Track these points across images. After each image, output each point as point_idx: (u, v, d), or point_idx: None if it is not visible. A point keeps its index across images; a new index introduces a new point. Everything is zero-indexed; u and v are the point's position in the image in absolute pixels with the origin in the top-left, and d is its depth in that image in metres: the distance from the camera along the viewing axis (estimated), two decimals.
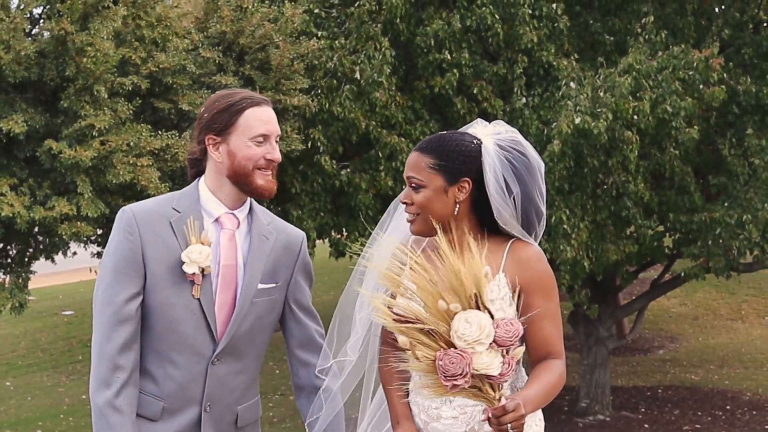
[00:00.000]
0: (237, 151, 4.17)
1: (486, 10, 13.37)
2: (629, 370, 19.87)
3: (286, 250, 4.34)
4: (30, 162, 11.92)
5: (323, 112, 13.37)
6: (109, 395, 4.11)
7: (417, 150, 4.07)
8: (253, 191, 4.22)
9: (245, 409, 4.35)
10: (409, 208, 4.04)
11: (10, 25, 11.26)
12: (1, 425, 18.30)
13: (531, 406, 3.77)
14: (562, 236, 13.03)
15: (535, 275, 3.98)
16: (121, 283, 4.14)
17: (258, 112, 4.20)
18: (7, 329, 26.43)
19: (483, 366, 3.59)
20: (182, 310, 4.14)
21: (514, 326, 3.62)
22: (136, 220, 4.16)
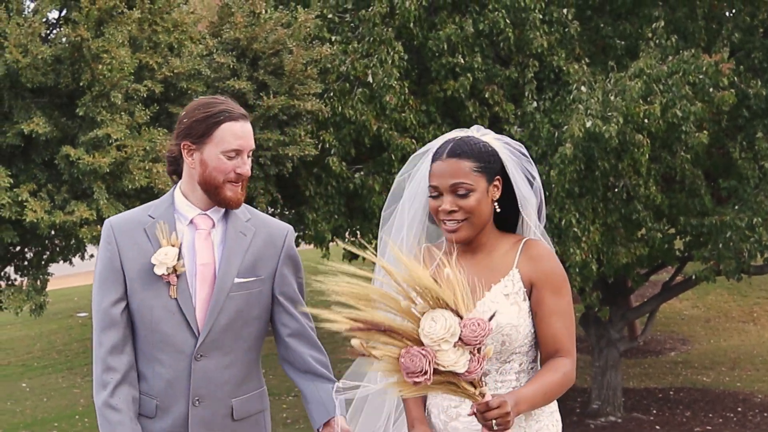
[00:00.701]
0: (209, 162, 4.33)
1: (498, 15, 13.50)
2: (641, 372, 19.95)
3: (268, 244, 4.48)
4: (48, 167, 12.07)
5: (336, 115, 13.51)
6: (105, 396, 4.31)
7: (452, 157, 4.15)
8: (220, 201, 4.38)
9: (241, 402, 4.48)
10: (455, 215, 4.10)
11: (28, 29, 11.41)
12: (17, 426, 18.47)
13: (525, 404, 3.88)
14: (572, 239, 13.13)
15: (545, 272, 4.11)
16: (105, 290, 4.36)
17: (234, 127, 4.34)
18: (23, 331, 26.61)
19: (449, 363, 3.67)
20: (161, 310, 4.32)
21: (481, 326, 3.69)
22: (113, 230, 4.39)
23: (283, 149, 12.70)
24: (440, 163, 4.15)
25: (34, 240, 12.73)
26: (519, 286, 4.09)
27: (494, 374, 4.11)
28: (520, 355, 4.14)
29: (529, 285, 4.10)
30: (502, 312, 4.04)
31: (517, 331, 4.07)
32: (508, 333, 4.06)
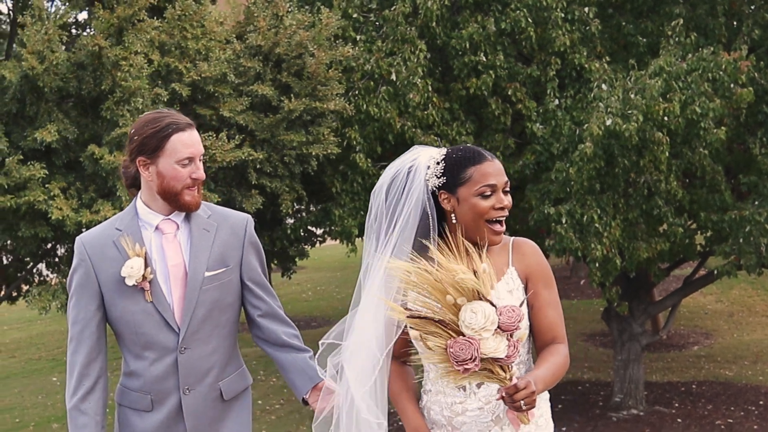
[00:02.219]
0: (165, 173, 4.63)
1: (520, 14, 13.70)
2: (664, 365, 20.08)
3: (231, 235, 4.79)
4: (74, 166, 12.39)
5: (360, 112, 13.74)
6: (75, 401, 4.72)
7: (492, 158, 4.42)
8: (181, 207, 4.69)
9: (228, 383, 4.82)
10: (504, 212, 4.38)
11: (44, 36, 11.72)
12: (48, 419, 18.76)
13: (541, 384, 4.16)
14: (593, 235, 13.31)
15: (538, 267, 4.42)
16: (81, 303, 4.72)
17: (183, 137, 4.64)
18: (53, 326, 26.95)
19: (491, 350, 3.98)
20: (141, 314, 4.65)
21: (515, 312, 4.01)
22: (85, 247, 4.71)
23: (307, 148, 12.95)
24: (490, 163, 4.38)
25: (65, 237, 13.03)
26: (518, 282, 4.39)
27: None
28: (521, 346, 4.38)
29: (525, 280, 4.40)
30: None
31: (524, 323, 4.32)
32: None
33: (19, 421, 18.87)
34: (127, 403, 4.84)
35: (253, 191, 12.90)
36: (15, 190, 11.91)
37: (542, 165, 14.11)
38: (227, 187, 12.91)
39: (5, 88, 12.03)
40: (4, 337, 25.51)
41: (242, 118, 12.68)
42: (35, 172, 11.77)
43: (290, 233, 14.30)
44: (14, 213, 12.10)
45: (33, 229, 12.14)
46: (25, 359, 24.13)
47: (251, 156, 12.57)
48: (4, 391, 20.82)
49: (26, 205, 11.79)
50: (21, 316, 27.19)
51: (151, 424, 4.77)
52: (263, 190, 13.12)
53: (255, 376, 19.42)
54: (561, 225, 13.32)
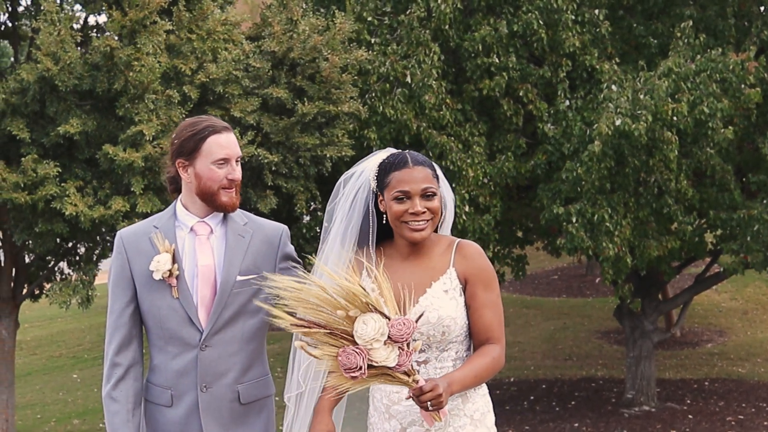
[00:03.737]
0: (202, 174, 4.84)
1: (531, 16, 13.92)
2: (677, 363, 20.24)
3: (265, 244, 4.97)
4: (91, 164, 12.69)
5: (376, 114, 13.97)
6: (108, 388, 4.91)
7: (417, 165, 4.67)
8: (218, 207, 4.89)
9: (247, 388, 4.97)
10: (424, 215, 4.61)
11: (57, 37, 12.02)
12: (69, 415, 19.04)
13: (457, 385, 4.42)
14: (604, 234, 13.50)
15: (478, 269, 4.66)
16: (116, 294, 4.93)
17: (219, 139, 4.85)
18: (73, 324, 27.25)
19: (381, 359, 4.22)
20: (167, 309, 4.86)
21: (407, 325, 4.24)
22: (122, 241, 4.94)
23: (321, 150, 13.19)
24: (408, 170, 4.64)
25: (84, 235, 13.33)
26: (456, 283, 4.63)
27: (434, 361, 4.62)
28: (457, 344, 4.66)
29: (464, 281, 4.65)
30: (443, 306, 4.58)
31: (455, 323, 4.60)
32: (448, 324, 4.59)
33: (41, 417, 19.16)
34: (150, 397, 5.00)
35: (268, 192, 13.14)
36: (31, 188, 12.22)
37: (553, 165, 14.32)
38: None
39: (25, 90, 12.33)
40: (25, 335, 25.82)
41: (252, 117, 12.93)
42: (49, 170, 12.08)
43: (306, 232, 14.53)
44: (32, 210, 12.40)
45: (50, 225, 12.43)
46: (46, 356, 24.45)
47: (266, 158, 12.81)
48: (25, 387, 21.11)
49: (42, 201, 12.09)
50: (42, 314, 27.50)
51: (171, 420, 4.93)
52: (279, 190, 13.36)
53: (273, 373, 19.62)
54: (572, 224, 13.53)
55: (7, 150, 12.83)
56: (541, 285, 27.91)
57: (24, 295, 15.09)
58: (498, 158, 14.45)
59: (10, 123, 12.33)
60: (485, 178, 14.18)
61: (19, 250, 14.65)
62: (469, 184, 13.97)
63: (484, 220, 14.12)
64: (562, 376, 19.70)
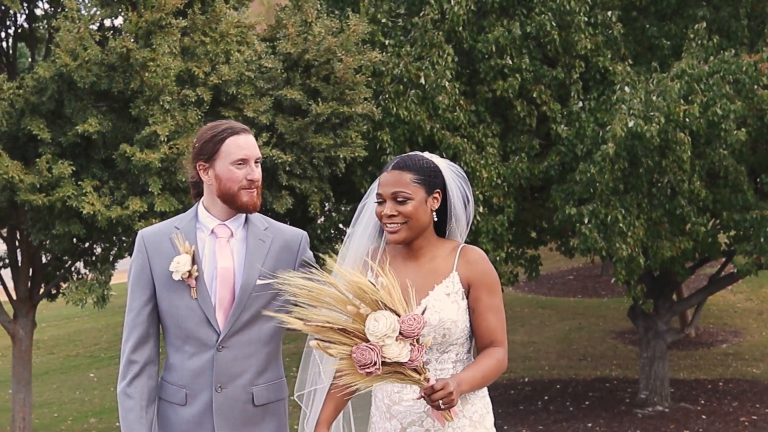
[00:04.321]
0: (222, 175, 4.90)
1: (544, 18, 13.99)
2: (692, 363, 20.25)
3: (285, 250, 5.04)
4: (108, 164, 12.82)
5: (390, 115, 14.05)
6: (123, 385, 4.97)
7: (395, 169, 4.74)
8: (239, 208, 4.95)
9: (261, 390, 5.02)
10: (396, 219, 4.69)
11: (77, 35, 12.15)
12: (86, 414, 19.16)
13: (466, 385, 4.51)
14: (617, 234, 13.55)
15: (482, 274, 4.73)
16: (135, 292, 5.00)
17: (238, 140, 4.92)
18: (90, 323, 27.41)
19: (394, 355, 4.30)
20: (185, 309, 4.92)
21: (417, 320, 4.32)
22: (144, 240, 5.01)
23: (335, 151, 13.29)
24: (386, 174, 4.75)
25: (100, 235, 13.45)
26: (458, 286, 4.71)
27: (434, 363, 4.69)
28: (457, 346, 4.74)
29: (467, 285, 4.72)
30: (444, 309, 4.66)
31: (456, 326, 4.68)
32: (449, 327, 4.67)
33: (58, 416, 19.29)
34: (164, 396, 5.05)
35: (283, 192, 13.24)
36: (48, 189, 12.34)
37: (567, 166, 14.38)
38: None
39: (43, 89, 12.46)
40: (42, 334, 25.97)
41: (266, 117, 13.03)
42: (64, 170, 12.20)
43: (321, 233, 14.62)
44: (49, 211, 12.53)
45: (67, 226, 12.55)
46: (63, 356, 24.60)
47: (281, 159, 12.91)
48: (42, 386, 21.25)
49: (59, 202, 12.21)
50: (59, 313, 27.66)
51: (184, 418, 4.99)
52: (293, 191, 13.46)
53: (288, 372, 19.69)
54: (585, 225, 13.58)
55: (25, 150, 12.97)
56: (556, 285, 27.94)
57: (41, 295, 15.22)
58: (511, 159, 14.52)
59: (30, 122, 12.46)
60: (499, 179, 14.25)
61: (36, 250, 14.78)
62: (483, 184, 14.04)
63: (498, 221, 14.18)
64: (576, 376, 19.74)
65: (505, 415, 17.14)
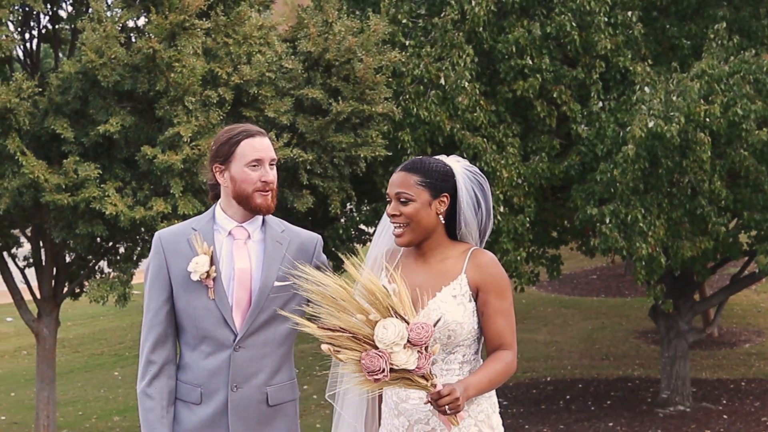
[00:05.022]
0: (237, 176, 4.95)
1: (564, 18, 14.03)
2: (714, 363, 20.23)
3: (301, 252, 5.09)
4: (130, 164, 12.93)
5: (410, 116, 14.11)
6: (143, 385, 5.02)
7: (402, 170, 4.81)
8: (253, 209, 4.99)
9: (275, 390, 5.08)
10: (398, 219, 4.76)
11: (103, 33, 12.27)
12: (110, 412, 19.29)
13: (473, 390, 4.57)
14: (638, 234, 13.57)
15: (490, 278, 4.77)
16: (153, 293, 5.03)
17: (253, 142, 4.97)
18: (115, 322, 27.56)
19: (402, 362, 4.37)
20: (202, 310, 4.97)
21: (425, 329, 4.39)
22: (161, 241, 5.04)
23: (355, 150, 13.37)
24: (394, 174, 4.83)
25: (123, 235, 13.57)
26: (466, 289, 4.76)
27: (440, 363, 4.77)
28: (464, 348, 4.80)
29: (475, 289, 4.77)
30: (450, 311, 4.71)
31: (462, 328, 4.73)
32: (454, 329, 4.72)
33: (82, 414, 19.43)
34: (178, 395, 5.08)
35: (304, 191, 13.32)
36: (72, 189, 12.46)
37: (587, 166, 14.40)
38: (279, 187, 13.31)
39: (67, 88, 12.59)
40: (68, 333, 26.14)
41: (286, 118, 13.12)
42: (90, 172, 12.32)
43: (342, 232, 14.70)
44: (72, 211, 12.65)
45: (90, 227, 12.67)
46: (88, 354, 24.75)
47: (301, 157, 13.00)
48: (67, 384, 21.41)
49: (83, 202, 12.33)
50: (84, 312, 27.81)
51: (199, 418, 5.04)
52: (315, 190, 13.54)
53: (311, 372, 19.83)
54: (605, 225, 13.62)
55: (49, 149, 13.10)
56: (579, 285, 27.94)
57: (64, 294, 15.34)
58: (532, 159, 14.56)
59: (53, 122, 12.59)
60: (519, 179, 14.29)
61: (60, 250, 14.91)
62: (504, 184, 14.09)
63: (518, 221, 14.23)
64: (598, 375, 19.75)
65: (526, 414, 17.18)
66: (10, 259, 15.71)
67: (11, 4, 12.99)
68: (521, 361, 20.94)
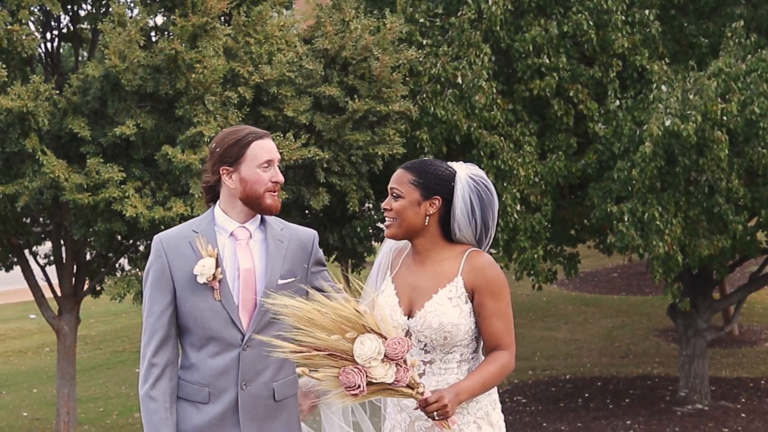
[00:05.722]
0: (248, 178, 4.99)
1: (581, 17, 14.06)
2: (734, 361, 20.20)
3: (300, 249, 5.17)
4: (148, 164, 13.03)
5: (428, 115, 14.17)
6: (146, 388, 5.03)
7: (402, 168, 4.93)
8: (263, 210, 5.05)
9: (281, 386, 5.16)
10: (388, 213, 4.86)
11: (126, 37, 12.37)
12: (131, 408, 19.42)
13: (465, 394, 4.67)
14: (654, 232, 13.59)
15: (486, 280, 4.83)
16: (156, 296, 5.06)
17: (262, 143, 5.01)
18: (137, 319, 27.67)
19: (380, 376, 4.48)
20: (208, 311, 5.02)
21: (401, 344, 4.48)
22: (162, 245, 5.07)
23: (372, 148, 13.44)
24: (397, 170, 4.94)
25: (139, 233, 13.68)
26: (462, 291, 4.82)
27: (438, 362, 4.85)
28: (461, 347, 4.86)
29: (471, 290, 4.83)
30: (446, 313, 4.78)
31: (458, 329, 4.80)
32: (449, 330, 4.79)
33: (103, 410, 19.57)
34: (183, 395, 5.12)
35: (320, 189, 13.39)
36: (93, 189, 12.55)
37: (604, 164, 14.44)
38: (296, 185, 13.43)
39: (88, 88, 12.69)
40: (90, 330, 26.31)
41: (305, 117, 13.20)
42: (113, 174, 12.42)
43: (360, 230, 14.75)
44: (92, 210, 12.75)
45: (108, 225, 12.78)
46: (110, 351, 24.91)
47: (318, 155, 13.08)
48: (89, 381, 21.56)
49: (103, 202, 12.43)
50: (106, 309, 27.98)
51: (208, 416, 5.09)
52: (332, 188, 13.61)
53: None
54: (622, 223, 13.64)
55: (68, 149, 13.20)
56: (601, 282, 27.94)
57: (84, 291, 15.46)
58: (549, 157, 14.60)
59: (72, 121, 12.69)
60: (536, 177, 14.34)
61: (80, 247, 15.03)
62: (520, 183, 14.14)
63: (535, 219, 14.28)
64: (618, 373, 19.76)
65: (544, 412, 17.22)
66: (31, 257, 15.86)
67: (30, 5, 13.09)
68: (540, 359, 21.00)
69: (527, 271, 14.81)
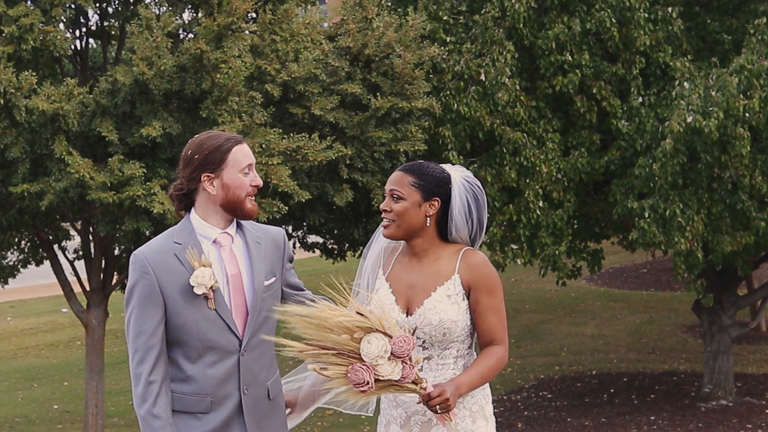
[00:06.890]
0: (230, 183, 5.04)
1: (604, 14, 14.12)
2: (761, 357, 20.18)
3: (275, 248, 5.24)
4: (174, 164, 13.18)
5: (451, 111, 14.28)
6: (147, 406, 4.97)
7: (401, 170, 5.06)
8: (243, 215, 5.12)
9: (272, 384, 5.24)
10: (388, 215, 4.99)
11: (153, 43, 12.53)
12: None
13: (464, 388, 4.85)
14: (676, 229, 13.64)
15: (481, 277, 5.00)
16: (146, 314, 5.01)
17: (242, 148, 5.09)
18: None
19: (387, 373, 4.64)
20: (204, 321, 5.03)
21: (407, 341, 4.63)
22: (147, 260, 5.02)
23: (395, 145, 13.56)
24: (394, 173, 5.08)
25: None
26: (459, 288, 4.98)
27: (436, 358, 5.00)
28: (458, 343, 5.02)
29: (467, 288, 4.99)
30: (445, 310, 4.94)
31: (456, 325, 4.96)
32: (449, 327, 4.95)
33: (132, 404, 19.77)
34: (181, 407, 5.10)
35: (344, 186, 13.53)
36: (117, 187, 12.72)
37: (627, 161, 14.50)
38: (320, 182, 13.58)
39: (116, 91, 12.84)
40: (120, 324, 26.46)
41: (332, 115, 13.35)
42: (135, 170, 12.58)
43: None
44: (118, 208, 12.92)
45: (135, 223, 12.94)
46: None
47: (341, 152, 13.21)
48: (119, 375, 21.77)
49: (128, 200, 12.59)
50: None
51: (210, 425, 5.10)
52: (355, 184, 13.75)
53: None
54: (644, 219, 13.70)
55: (95, 149, 13.37)
56: (629, 278, 27.93)
57: (113, 286, 15.65)
58: (572, 154, 14.67)
59: (100, 124, 12.84)
60: (558, 174, 14.41)
61: (108, 242, 15.22)
62: (543, 179, 14.23)
63: (557, 215, 14.36)
64: (644, 369, 19.79)
65: (569, 408, 17.30)
66: (60, 252, 16.06)
67: (63, 2, 13.23)
68: (567, 355, 21.06)
69: (549, 266, 14.90)
